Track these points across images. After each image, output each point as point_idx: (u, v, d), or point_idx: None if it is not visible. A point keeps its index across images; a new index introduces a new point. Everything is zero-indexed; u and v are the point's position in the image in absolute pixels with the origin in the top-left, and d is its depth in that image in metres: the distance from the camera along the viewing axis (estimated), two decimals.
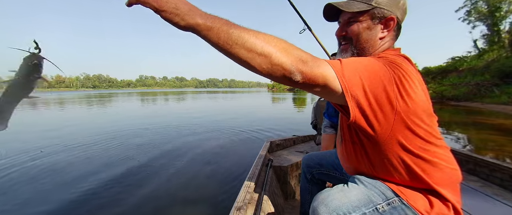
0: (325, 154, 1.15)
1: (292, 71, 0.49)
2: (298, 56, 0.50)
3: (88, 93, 68.42)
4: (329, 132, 1.93)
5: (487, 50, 18.90)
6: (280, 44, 0.49)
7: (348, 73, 0.54)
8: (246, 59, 0.48)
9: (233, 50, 0.47)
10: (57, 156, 3.82)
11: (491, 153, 3.91)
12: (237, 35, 0.46)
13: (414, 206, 0.63)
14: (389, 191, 0.66)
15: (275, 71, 0.49)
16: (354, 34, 0.70)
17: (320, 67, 0.51)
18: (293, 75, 0.49)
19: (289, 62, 0.48)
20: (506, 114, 8.76)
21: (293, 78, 0.49)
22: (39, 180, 2.87)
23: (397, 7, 0.68)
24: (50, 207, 2.23)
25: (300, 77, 0.50)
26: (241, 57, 0.48)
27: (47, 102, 18.20)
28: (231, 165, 3.38)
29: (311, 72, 0.50)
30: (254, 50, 0.47)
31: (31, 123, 7.69)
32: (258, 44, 0.47)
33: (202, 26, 0.45)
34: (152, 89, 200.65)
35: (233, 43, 0.46)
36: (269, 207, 1.37)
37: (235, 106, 14.65)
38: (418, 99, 0.58)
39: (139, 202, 2.32)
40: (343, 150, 0.81)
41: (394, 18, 0.67)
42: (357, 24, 0.69)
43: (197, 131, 5.97)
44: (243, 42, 0.46)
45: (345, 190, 0.69)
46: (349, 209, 0.64)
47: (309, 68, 0.50)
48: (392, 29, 0.69)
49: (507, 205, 1.13)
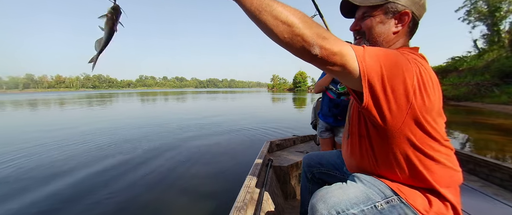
0: (325, 154, 1.16)
1: (312, 43, 0.49)
2: (320, 32, 0.51)
3: (89, 93, 68.35)
4: (325, 136, 1.87)
5: (487, 50, 18.88)
6: (305, 17, 0.51)
7: (369, 58, 0.54)
8: (271, 26, 0.50)
9: (261, 16, 0.50)
10: (49, 153, 3.83)
11: (491, 153, 3.91)
12: (267, 2, 0.49)
13: (413, 205, 0.63)
14: (388, 190, 0.67)
15: (295, 42, 0.50)
16: (367, 28, 0.71)
17: (341, 46, 0.52)
18: (313, 48, 0.50)
19: (310, 35, 0.49)
20: (506, 114, 8.77)
21: (312, 51, 0.50)
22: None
23: (413, 2, 0.67)
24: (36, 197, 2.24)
25: (319, 51, 0.50)
26: (267, 23, 0.50)
27: (47, 102, 18.17)
28: (231, 165, 3.38)
29: (331, 48, 0.51)
30: (279, 18, 0.49)
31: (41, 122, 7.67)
32: (284, 13, 0.49)
33: None
34: (152, 89, 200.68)
35: (262, 10, 0.49)
36: (269, 207, 1.37)
37: (235, 106, 14.65)
38: (434, 98, 0.59)
39: (139, 202, 2.33)
40: (348, 145, 0.81)
41: (408, 12, 0.66)
42: (370, 19, 0.69)
43: (197, 132, 5.96)
44: (271, 9, 0.49)
45: (344, 187, 0.69)
46: (348, 206, 0.64)
47: (329, 44, 0.50)
48: (407, 25, 0.68)
49: (507, 205, 1.13)
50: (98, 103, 18.34)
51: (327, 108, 1.80)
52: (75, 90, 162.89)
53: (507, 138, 4.87)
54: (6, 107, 15.12)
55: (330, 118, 1.79)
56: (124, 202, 2.32)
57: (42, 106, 15.72)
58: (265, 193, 1.36)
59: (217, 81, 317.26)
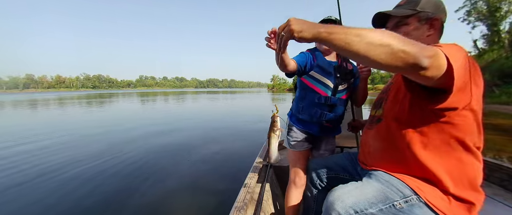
0: (331, 157, 1.14)
1: (417, 56, 0.49)
2: (419, 45, 0.51)
3: (89, 93, 68.37)
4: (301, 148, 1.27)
5: (487, 50, 18.87)
6: (394, 35, 0.52)
7: (453, 53, 0.55)
8: (365, 52, 0.52)
9: (352, 47, 0.52)
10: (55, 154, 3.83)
11: (491, 153, 3.90)
12: (355, 33, 0.52)
13: (432, 204, 0.62)
14: (406, 189, 0.66)
15: (397, 59, 0.50)
16: (404, 34, 0.74)
17: (435, 50, 0.52)
18: (421, 60, 0.50)
19: (413, 50, 0.50)
20: (506, 114, 8.76)
21: (421, 64, 0.50)
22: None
23: (440, 9, 0.75)
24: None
25: (428, 61, 0.50)
26: (360, 50, 0.52)
27: (46, 103, 18.16)
28: (231, 165, 3.38)
29: (436, 59, 0.51)
30: (372, 42, 0.51)
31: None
32: (376, 37, 0.51)
33: (323, 33, 0.55)
34: (152, 89, 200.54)
35: (350, 41, 0.52)
36: (269, 207, 1.37)
37: (235, 106, 14.63)
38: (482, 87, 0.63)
39: (139, 202, 2.33)
40: (377, 130, 0.83)
41: (438, 19, 0.74)
42: (405, 26, 0.76)
43: (197, 132, 5.96)
44: (361, 39, 0.52)
45: (360, 186, 0.69)
46: (366, 205, 0.64)
47: (433, 54, 0.51)
48: (438, 28, 0.76)
49: (507, 205, 1.13)
50: (100, 102, 18.33)
51: (310, 110, 1.22)
52: (75, 90, 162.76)
53: (507, 138, 4.87)
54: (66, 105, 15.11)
55: (315, 125, 1.24)
56: (124, 201, 2.33)
57: (68, 105, 15.72)
58: (265, 193, 1.36)
59: (217, 81, 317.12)
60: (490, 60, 16.51)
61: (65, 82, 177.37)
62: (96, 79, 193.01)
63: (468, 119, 0.63)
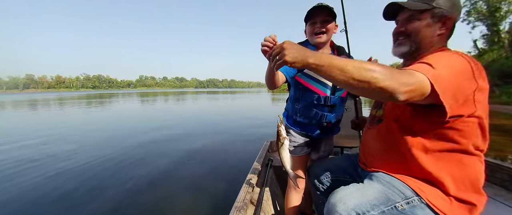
0: (330, 160, 1.13)
1: (394, 93, 0.53)
2: (399, 78, 0.54)
3: (89, 93, 68.39)
4: (300, 153, 1.19)
5: (487, 50, 18.87)
6: (375, 70, 0.54)
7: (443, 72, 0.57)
8: (346, 86, 0.57)
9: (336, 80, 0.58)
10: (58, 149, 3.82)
11: (491, 153, 3.90)
12: (338, 67, 0.56)
13: (434, 205, 0.62)
14: (408, 190, 0.66)
15: (376, 93, 0.56)
16: (415, 30, 0.73)
17: (415, 78, 0.55)
18: (396, 96, 0.54)
19: (391, 87, 0.53)
20: (506, 114, 8.75)
21: (397, 98, 0.54)
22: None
23: (456, 7, 0.71)
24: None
25: (403, 96, 0.54)
26: (342, 84, 0.58)
27: (47, 103, 18.16)
28: (231, 165, 3.37)
29: (417, 88, 0.54)
30: (353, 77, 0.55)
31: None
32: (356, 74, 0.55)
33: (312, 64, 0.59)
34: (152, 89, 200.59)
35: (334, 75, 0.57)
36: (269, 207, 1.36)
37: (235, 106, 14.63)
38: (487, 91, 0.62)
39: (139, 202, 2.32)
40: (377, 130, 0.82)
41: (452, 17, 0.70)
42: (418, 22, 0.72)
43: (197, 132, 5.96)
44: (343, 74, 0.56)
45: (362, 188, 0.69)
46: (368, 207, 0.64)
47: (411, 88, 0.54)
48: (449, 29, 0.73)
49: (507, 205, 1.13)
50: (100, 102, 18.33)
51: (309, 113, 1.11)
52: (75, 90, 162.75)
53: (507, 138, 4.87)
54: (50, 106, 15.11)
55: (315, 128, 1.15)
56: (124, 201, 2.32)
57: (67, 105, 15.70)
58: (265, 193, 1.35)
59: (217, 81, 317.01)
60: (490, 60, 16.50)
61: (65, 82, 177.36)
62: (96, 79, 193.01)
63: (473, 125, 0.62)
